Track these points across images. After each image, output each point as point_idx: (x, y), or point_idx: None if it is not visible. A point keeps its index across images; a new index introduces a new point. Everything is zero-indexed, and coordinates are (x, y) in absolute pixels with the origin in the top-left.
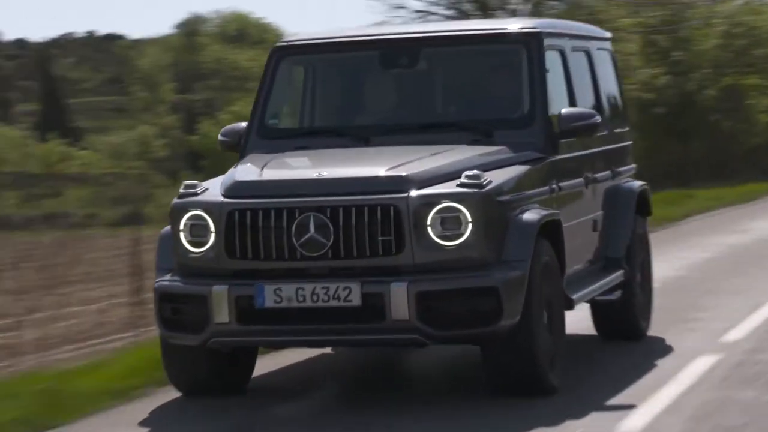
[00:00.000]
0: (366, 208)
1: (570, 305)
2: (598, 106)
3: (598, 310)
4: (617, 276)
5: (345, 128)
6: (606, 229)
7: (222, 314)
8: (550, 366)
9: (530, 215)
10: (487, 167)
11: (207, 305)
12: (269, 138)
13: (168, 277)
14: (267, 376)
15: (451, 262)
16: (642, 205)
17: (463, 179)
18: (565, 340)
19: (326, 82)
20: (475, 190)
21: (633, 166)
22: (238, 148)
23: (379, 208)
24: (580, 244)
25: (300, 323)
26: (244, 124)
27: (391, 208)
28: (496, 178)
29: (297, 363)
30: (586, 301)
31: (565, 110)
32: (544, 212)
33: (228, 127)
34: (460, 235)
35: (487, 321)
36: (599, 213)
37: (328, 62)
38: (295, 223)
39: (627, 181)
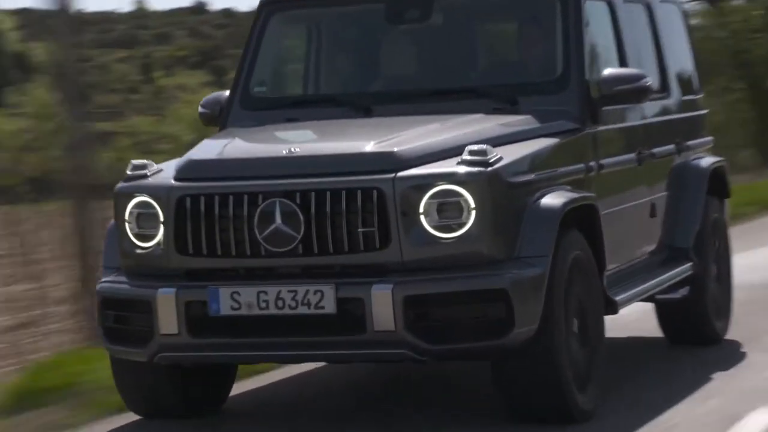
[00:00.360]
0: (343, 192)
1: (613, 308)
2: (660, 68)
3: (664, 309)
4: (683, 270)
5: (344, 96)
6: (670, 215)
7: (170, 324)
8: (581, 385)
9: (553, 199)
10: (503, 141)
11: (152, 313)
12: (254, 109)
13: (112, 277)
14: (249, 395)
15: (450, 260)
16: (717, 186)
17: (465, 155)
18: (605, 352)
19: (323, 42)
20: (480, 168)
21: (708, 139)
22: (219, 121)
23: (359, 192)
24: (632, 234)
25: (262, 335)
26: (228, 93)
27: (374, 191)
28: (510, 153)
29: (288, 378)
30: (643, 301)
31: (607, 72)
32: (574, 195)
33: (210, 96)
34: (461, 226)
35: (494, 332)
36: (660, 195)
37: (323, 18)
38: (258, 211)
39: (698, 157)
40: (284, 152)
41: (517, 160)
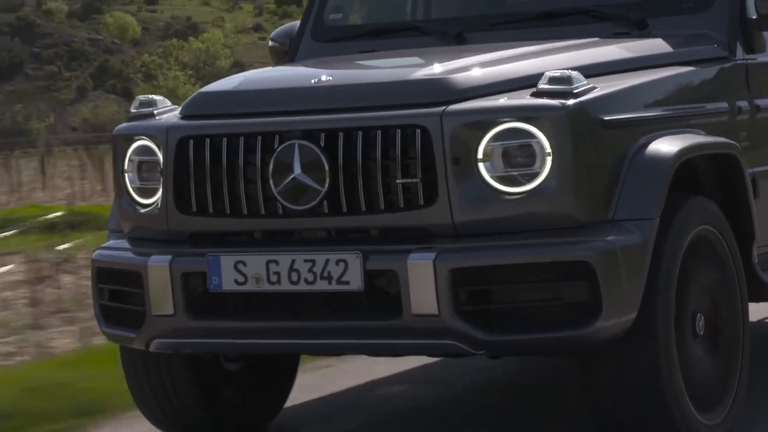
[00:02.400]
0: (378, 132)
1: (765, 294)
2: None
3: None
4: None
5: (432, 22)
6: None
7: (164, 302)
8: (705, 403)
9: (666, 144)
10: (610, 69)
11: (143, 287)
12: (327, 40)
13: (111, 243)
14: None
15: (517, 222)
16: None
17: (543, 84)
18: (748, 355)
19: None
20: (561, 101)
21: None
22: (288, 56)
23: (398, 131)
24: None
25: (271, 318)
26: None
27: (417, 130)
28: (611, 84)
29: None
30: None
31: None
32: (702, 140)
33: (282, 27)
34: (534, 177)
35: (573, 320)
36: None
37: None
38: (274, 156)
39: None
40: (312, 82)
41: (617, 92)
